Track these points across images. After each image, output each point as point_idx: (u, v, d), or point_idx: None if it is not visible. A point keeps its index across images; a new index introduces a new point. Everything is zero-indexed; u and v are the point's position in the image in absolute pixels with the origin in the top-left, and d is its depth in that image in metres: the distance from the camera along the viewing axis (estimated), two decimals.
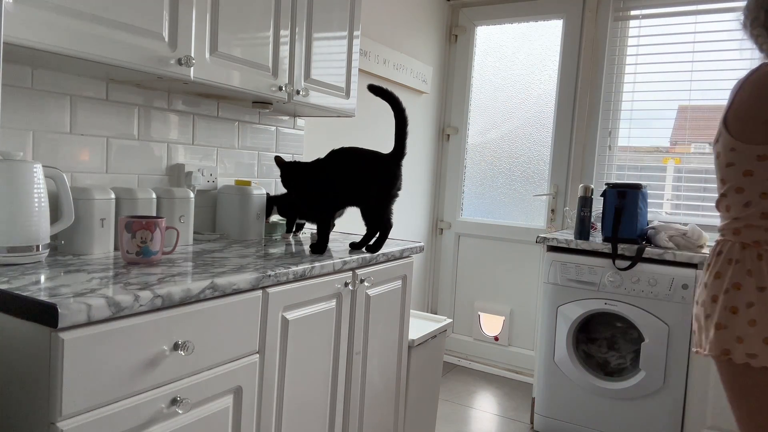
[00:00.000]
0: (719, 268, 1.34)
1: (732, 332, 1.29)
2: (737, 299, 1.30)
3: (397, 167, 1.76)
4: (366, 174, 1.75)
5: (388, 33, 3.00)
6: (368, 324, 1.87)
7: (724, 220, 1.40)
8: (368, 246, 1.83)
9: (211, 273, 1.32)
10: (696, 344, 1.41)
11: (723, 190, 1.39)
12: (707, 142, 3.00)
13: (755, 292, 1.27)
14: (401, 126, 1.76)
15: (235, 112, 2.09)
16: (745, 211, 1.34)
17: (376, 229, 1.83)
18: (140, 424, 1.13)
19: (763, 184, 1.31)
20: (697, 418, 2.39)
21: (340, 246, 1.91)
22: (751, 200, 1.33)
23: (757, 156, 1.29)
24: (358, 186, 1.76)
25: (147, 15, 1.39)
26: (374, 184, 1.75)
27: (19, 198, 1.26)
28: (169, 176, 1.87)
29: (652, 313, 2.44)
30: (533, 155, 3.45)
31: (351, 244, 1.86)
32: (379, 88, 1.76)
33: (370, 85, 1.76)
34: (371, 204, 1.77)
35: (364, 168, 1.75)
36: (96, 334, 1.03)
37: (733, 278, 1.31)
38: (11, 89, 1.43)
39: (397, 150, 1.76)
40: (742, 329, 1.27)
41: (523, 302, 3.44)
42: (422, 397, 2.32)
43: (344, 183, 1.76)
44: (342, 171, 1.76)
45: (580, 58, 3.24)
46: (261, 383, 1.44)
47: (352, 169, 1.76)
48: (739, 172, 1.34)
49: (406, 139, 1.77)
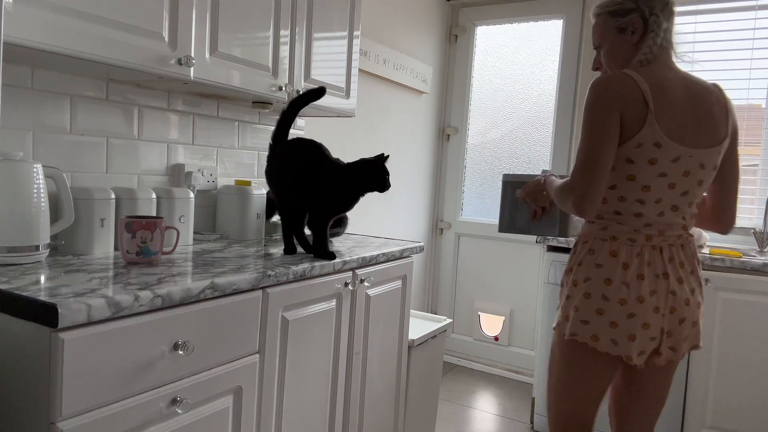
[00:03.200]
0: (582, 257, 1.46)
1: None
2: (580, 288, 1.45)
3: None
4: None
5: (388, 33, 3.00)
6: (368, 324, 1.87)
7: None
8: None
9: (211, 273, 1.32)
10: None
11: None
12: None
13: (581, 283, 1.43)
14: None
15: (235, 112, 2.09)
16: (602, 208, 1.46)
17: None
18: (140, 424, 1.13)
19: (609, 181, 1.40)
20: (697, 418, 2.39)
21: (340, 246, 1.91)
22: (605, 197, 1.44)
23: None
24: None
25: (147, 15, 1.39)
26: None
27: (19, 198, 1.26)
28: (169, 176, 1.87)
29: None
30: (533, 155, 3.45)
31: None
32: None
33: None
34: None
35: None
36: (96, 334, 1.03)
37: (583, 271, 1.44)
38: (11, 89, 1.43)
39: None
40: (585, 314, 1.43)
41: (523, 302, 3.44)
42: (422, 397, 2.32)
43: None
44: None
45: (580, 58, 3.24)
46: (261, 383, 1.44)
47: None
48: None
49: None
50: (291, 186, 1.66)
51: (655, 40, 1.42)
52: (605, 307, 1.38)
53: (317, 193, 1.64)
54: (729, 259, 2.33)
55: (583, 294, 1.41)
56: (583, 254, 1.44)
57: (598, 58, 1.53)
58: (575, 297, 1.43)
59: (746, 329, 2.30)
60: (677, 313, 1.40)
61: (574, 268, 1.46)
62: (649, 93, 1.34)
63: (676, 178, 1.38)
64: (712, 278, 2.34)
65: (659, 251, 1.40)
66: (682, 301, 1.41)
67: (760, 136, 2.83)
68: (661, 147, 1.34)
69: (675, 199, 1.40)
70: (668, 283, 1.39)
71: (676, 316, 1.40)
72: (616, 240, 1.40)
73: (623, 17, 1.45)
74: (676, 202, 1.40)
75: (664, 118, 1.34)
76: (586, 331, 1.40)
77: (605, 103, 1.34)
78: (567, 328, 1.44)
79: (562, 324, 1.46)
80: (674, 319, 1.40)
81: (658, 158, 1.35)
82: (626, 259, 1.38)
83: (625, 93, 1.34)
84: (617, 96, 1.34)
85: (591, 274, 1.41)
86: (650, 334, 1.38)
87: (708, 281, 2.35)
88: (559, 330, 1.48)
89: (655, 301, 1.37)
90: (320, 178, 1.64)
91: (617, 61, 1.47)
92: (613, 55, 1.47)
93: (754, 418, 2.30)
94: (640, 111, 1.33)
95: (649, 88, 1.34)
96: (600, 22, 1.50)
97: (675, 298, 1.40)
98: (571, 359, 1.46)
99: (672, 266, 1.40)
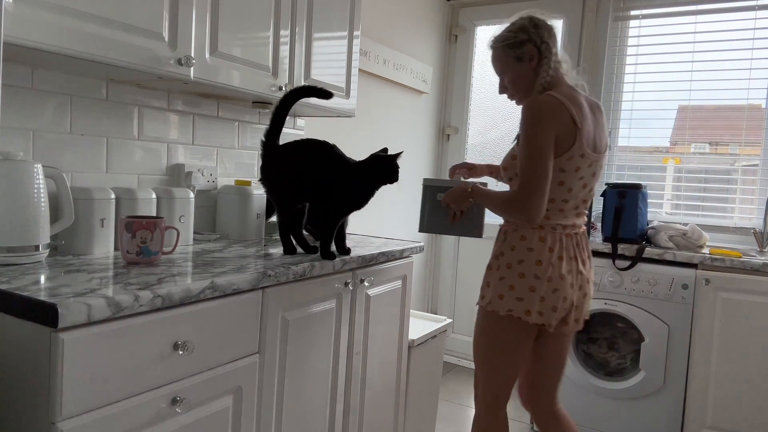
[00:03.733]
0: (514, 243, 1.66)
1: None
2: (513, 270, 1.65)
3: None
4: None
5: (388, 33, 3.00)
6: (368, 324, 1.87)
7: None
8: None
9: (211, 273, 1.32)
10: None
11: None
12: (707, 142, 3.00)
13: (516, 265, 1.63)
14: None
15: (235, 112, 2.09)
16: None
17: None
18: (140, 424, 1.13)
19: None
20: (697, 418, 2.39)
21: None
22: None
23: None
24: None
25: (147, 15, 1.39)
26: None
27: (19, 198, 1.26)
28: (169, 176, 1.87)
29: (652, 313, 2.44)
30: None
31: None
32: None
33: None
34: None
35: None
36: (96, 334, 1.03)
37: (516, 255, 1.65)
38: (11, 89, 1.43)
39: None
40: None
41: None
42: (422, 397, 2.32)
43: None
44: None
45: (580, 58, 3.24)
46: (261, 383, 1.44)
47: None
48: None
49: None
50: (300, 186, 1.66)
51: (549, 64, 1.64)
52: (536, 284, 1.61)
53: (333, 192, 1.66)
54: (729, 259, 2.33)
55: (518, 274, 1.62)
56: (516, 240, 1.65)
57: (503, 84, 1.76)
58: (510, 278, 1.63)
59: (746, 329, 2.30)
60: (583, 290, 1.67)
61: (506, 253, 1.66)
62: (575, 114, 1.56)
63: (588, 179, 1.64)
64: (712, 278, 2.34)
65: (571, 238, 1.66)
66: (586, 280, 1.68)
67: (760, 136, 2.83)
68: (584, 157, 1.59)
69: (584, 196, 1.67)
70: (577, 264, 1.66)
71: (582, 292, 1.67)
72: (543, 229, 1.63)
73: (519, 48, 1.66)
74: (585, 198, 1.68)
75: (584, 131, 1.58)
76: (520, 306, 1.61)
77: (544, 125, 1.55)
78: (502, 306, 1.63)
79: (496, 302, 1.64)
80: (581, 295, 1.67)
81: (581, 166, 1.59)
82: (551, 244, 1.62)
83: (558, 115, 1.55)
84: (552, 117, 1.54)
85: (524, 257, 1.62)
86: (566, 305, 1.63)
87: (708, 281, 2.35)
88: (492, 308, 1.65)
89: (570, 279, 1.63)
90: (336, 178, 1.65)
91: (521, 85, 1.69)
92: (517, 81, 1.69)
93: (754, 418, 2.30)
94: (571, 129, 1.56)
95: (573, 109, 1.56)
96: (498, 54, 1.71)
97: (582, 277, 1.67)
98: (504, 333, 1.66)
99: (579, 251, 1.67)
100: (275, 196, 1.70)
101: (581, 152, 1.58)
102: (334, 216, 1.68)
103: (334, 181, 1.65)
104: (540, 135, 1.54)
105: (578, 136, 1.57)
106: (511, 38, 1.68)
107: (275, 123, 1.67)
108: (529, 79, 1.67)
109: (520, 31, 1.68)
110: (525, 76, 1.68)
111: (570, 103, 1.57)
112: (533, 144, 1.55)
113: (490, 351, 1.71)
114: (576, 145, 1.57)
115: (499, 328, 1.66)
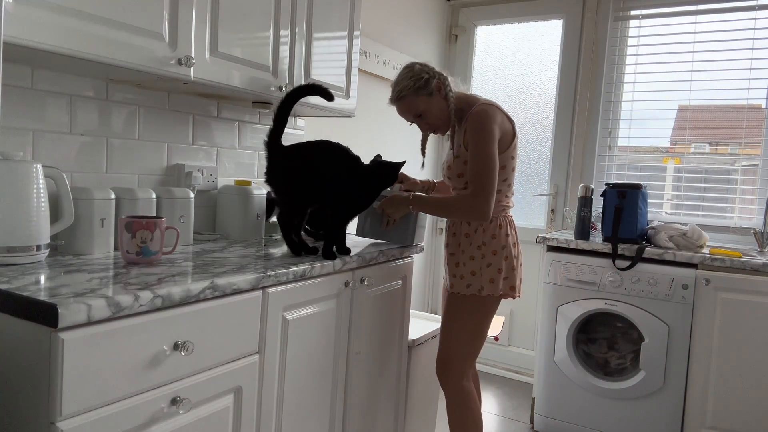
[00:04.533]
0: (494, 232, 1.89)
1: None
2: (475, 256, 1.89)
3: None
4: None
5: (388, 33, 3.00)
6: (368, 324, 1.87)
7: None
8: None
9: (211, 273, 1.32)
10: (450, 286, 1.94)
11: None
12: (707, 142, 3.00)
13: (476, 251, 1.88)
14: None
15: (235, 112, 2.09)
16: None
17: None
18: (140, 424, 1.13)
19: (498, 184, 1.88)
20: (697, 418, 2.39)
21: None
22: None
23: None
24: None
25: (147, 15, 1.39)
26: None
27: (19, 198, 1.26)
28: (169, 176, 1.87)
29: (652, 313, 2.44)
30: (533, 155, 3.45)
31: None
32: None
33: None
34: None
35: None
36: (96, 334, 1.03)
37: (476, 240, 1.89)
38: (11, 89, 1.43)
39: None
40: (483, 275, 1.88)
41: (523, 302, 3.44)
42: (422, 397, 2.32)
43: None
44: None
45: (580, 58, 3.24)
46: (261, 383, 1.44)
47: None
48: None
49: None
50: (313, 189, 1.65)
51: (450, 87, 1.88)
52: (515, 264, 1.91)
53: (345, 195, 1.69)
54: (729, 259, 2.33)
55: (503, 258, 1.87)
56: (495, 229, 1.88)
57: (425, 123, 1.91)
58: (497, 262, 1.87)
59: (746, 329, 2.30)
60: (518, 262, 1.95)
61: (487, 242, 1.87)
62: (506, 113, 1.86)
63: (516, 163, 1.92)
64: (713, 278, 2.34)
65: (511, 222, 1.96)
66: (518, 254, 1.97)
67: (760, 136, 2.83)
68: (515, 147, 1.89)
69: (512, 186, 1.95)
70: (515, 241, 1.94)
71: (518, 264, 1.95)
72: (507, 217, 1.92)
73: (428, 86, 1.84)
74: (513, 188, 1.96)
75: (514, 125, 1.91)
76: (505, 284, 1.88)
77: (492, 131, 1.78)
78: (494, 288, 1.86)
79: (489, 286, 1.86)
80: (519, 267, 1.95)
81: (515, 155, 1.89)
82: (513, 228, 1.94)
83: (497, 118, 1.81)
84: (495, 122, 1.79)
85: (504, 242, 1.88)
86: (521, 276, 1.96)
87: (708, 281, 2.35)
88: (486, 292, 1.85)
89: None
90: (350, 181, 1.68)
91: (442, 116, 1.89)
92: (437, 114, 1.88)
93: (754, 418, 2.30)
94: (508, 128, 1.85)
95: (501, 109, 1.86)
96: (409, 101, 1.86)
97: (517, 251, 1.94)
98: (489, 312, 1.91)
99: (513, 231, 1.95)
100: (284, 199, 1.67)
101: (514, 149, 1.88)
102: (345, 218, 1.73)
103: (347, 184, 1.68)
104: (490, 142, 1.77)
105: (515, 131, 1.88)
106: (418, 82, 1.84)
107: (278, 122, 1.65)
108: (445, 107, 1.87)
109: (419, 73, 1.85)
110: (441, 106, 1.87)
111: (496, 106, 1.85)
112: (487, 151, 1.76)
113: (478, 330, 1.91)
114: (512, 144, 1.86)
115: (486, 309, 1.89)
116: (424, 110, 1.87)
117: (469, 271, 1.87)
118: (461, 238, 1.91)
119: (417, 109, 1.88)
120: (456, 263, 1.91)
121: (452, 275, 1.92)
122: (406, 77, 1.86)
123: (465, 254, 1.89)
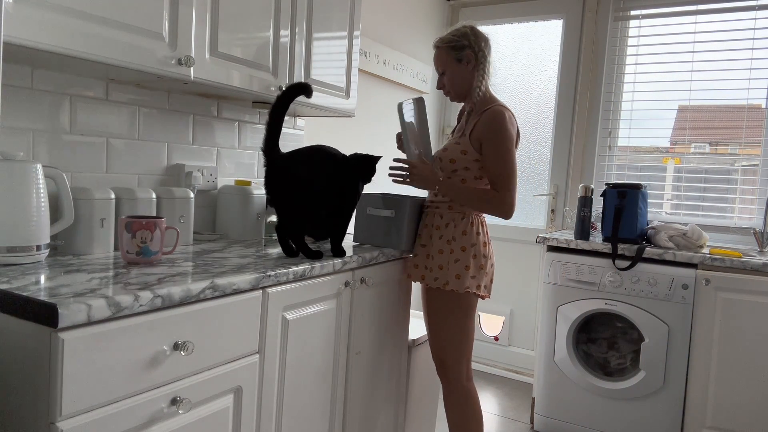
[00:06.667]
0: (465, 228, 1.89)
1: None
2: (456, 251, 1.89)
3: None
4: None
5: (388, 33, 3.00)
6: (368, 324, 1.87)
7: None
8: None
9: (211, 273, 1.32)
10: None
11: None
12: (707, 142, 3.00)
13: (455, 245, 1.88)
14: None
15: (235, 112, 2.09)
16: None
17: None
18: (140, 423, 1.13)
19: (485, 181, 1.92)
20: (697, 418, 2.39)
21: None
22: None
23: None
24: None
25: (147, 15, 1.39)
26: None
27: (19, 198, 1.26)
28: (169, 176, 1.87)
29: (652, 313, 2.44)
30: (533, 155, 3.45)
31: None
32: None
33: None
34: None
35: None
36: (96, 334, 1.03)
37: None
38: (11, 89, 1.43)
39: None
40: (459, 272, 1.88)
41: (523, 302, 3.44)
42: (422, 397, 2.32)
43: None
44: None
45: (580, 58, 3.24)
46: (261, 383, 1.44)
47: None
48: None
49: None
50: (316, 197, 1.65)
51: (484, 70, 1.93)
52: (484, 263, 1.89)
53: (345, 195, 1.76)
54: (729, 259, 2.33)
55: (472, 255, 1.87)
56: (466, 226, 1.88)
57: (442, 81, 1.97)
58: (465, 259, 1.86)
59: (746, 329, 2.30)
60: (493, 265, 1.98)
61: (457, 237, 1.87)
62: (516, 123, 1.94)
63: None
64: (712, 278, 2.34)
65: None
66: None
67: (760, 136, 2.83)
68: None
69: None
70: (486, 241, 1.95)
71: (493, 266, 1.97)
72: (479, 216, 1.92)
73: (460, 51, 1.89)
74: None
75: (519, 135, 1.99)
76: (473, 283, 1.87)
77: (512, 134, 1.87)
78: (460, 284, 1.85)
79: (454, 282, 1.85)
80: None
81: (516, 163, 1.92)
82: (486, 228, 1.94)
83: (514, 124, 1.91)
84: (512, 126, 1.89)
85: (475, 240, 1.88)
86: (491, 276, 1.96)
87: (708, 281, 2.35)
88: (451, 287, 1.85)
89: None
90: (347, 182, 1.74)
91: (458, 84, 1.94)
92: (455, 80, 1.93)
93: (754, 418, 2.30)
94: (515, 135, 1.92)
95: (515, 119, 1.94)
96: (441, 53, 1.93)
97: (488, 251, 1.94)
98: (468, 311, 1.91)
99: (484, 231, 1.95)
100: (286, 209, 1.63)
101: (518, 146, 1.96)
102: (349, 214, 1.80)
103: (344, 184, 1.73)
104: (510, 141, 1.85)
105: (519, 135, 1.97)
106: (454, 41, 1.89)
107: (272, 129, 1.60)
108: (466, 80, 1.92)
109: (462, 37, 1.89)
110: (462, 77, 1.92)
111: (509, 109, 1.92)
112: (512, 151, 1.85)
113: (464, 331, 1.92)
114: (518, 144, 1.95)
115: (464, 308, 1.89)
116: (446, 70, 1.93)
117: (437, 265, 1.88)
118: (432, 230, 1.92)
119: (444, 66, 1.94)
120: (427, 254, 1.92)
121: (423, 266, 1.94)
122: (452, 33, 1.92)
123: (434, 247, 1.90)
